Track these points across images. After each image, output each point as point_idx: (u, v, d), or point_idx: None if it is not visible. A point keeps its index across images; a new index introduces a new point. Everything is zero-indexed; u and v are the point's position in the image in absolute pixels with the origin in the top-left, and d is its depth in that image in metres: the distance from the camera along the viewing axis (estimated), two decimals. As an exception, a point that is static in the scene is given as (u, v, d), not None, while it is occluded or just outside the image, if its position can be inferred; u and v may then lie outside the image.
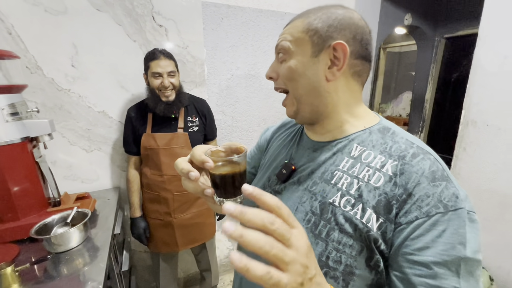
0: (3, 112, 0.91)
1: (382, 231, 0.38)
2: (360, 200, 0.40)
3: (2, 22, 1.10)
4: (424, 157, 0.40)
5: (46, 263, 0.87)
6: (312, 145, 0.52)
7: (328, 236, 0.41)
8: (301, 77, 0.45)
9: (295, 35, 0.45)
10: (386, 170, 0.41)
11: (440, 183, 0.37)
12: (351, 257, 0.39)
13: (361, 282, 0.39)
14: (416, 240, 0.36)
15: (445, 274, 0.34)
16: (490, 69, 1.29)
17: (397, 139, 0.44)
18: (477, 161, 1.39)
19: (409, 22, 2.59)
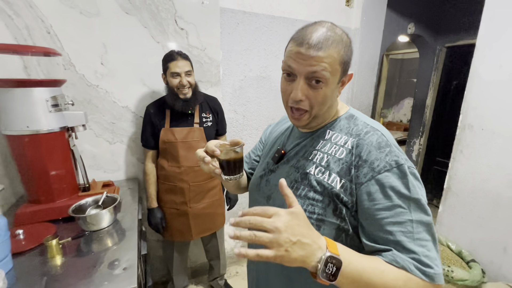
0: (47, 103, 1.01)
1: (344, 189, 0.52)
2: (328, 168, 0.55)
3: (42, 22, 1.21)
4: (374, 133, 0.54)
5: (83, 239, 0.97)
6: (300, 135, 0.66)
7: (306, 196, 0.56)
8: (328, 101, 0.56)
9: (334, 67, 0.52)
10: (347, 145, 0.55)
11: (384, 149, 0.51)
12: (322, 208, 0.53)
13: (329, 226, 0.53)
14: (376, 194, 0.48)
15: (401, 212, 0.47)
16: (486, 78, 1.40)
17: (357, 122, 0.59)
18: (473, 163, 1.49)
19: (412, 31, 2.70)
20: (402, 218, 0.47)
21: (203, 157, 0.59)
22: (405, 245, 0.46)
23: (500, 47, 1.34)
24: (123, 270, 0.81)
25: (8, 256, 0.80)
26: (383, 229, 0.48)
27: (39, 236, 0.96)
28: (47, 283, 0.75)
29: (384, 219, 0.48)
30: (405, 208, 0.47)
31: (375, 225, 0.49)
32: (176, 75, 1.27)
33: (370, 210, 0.49)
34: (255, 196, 0.70)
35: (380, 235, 0.48)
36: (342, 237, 0.53)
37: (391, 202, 0.47)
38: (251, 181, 0.75)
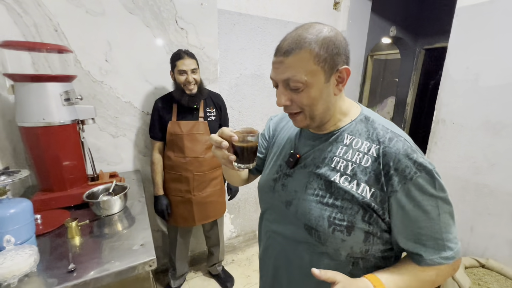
0: (61, 97, 1.08)
1: (374, 197, 0.53)
2: (355, 177, 0.55)
3: (50, 20, 1.27)
4: (397, 139, 0.54)
5: (98, 222, 1.05)
6: (312, 136, 0.65)
7: (333, 204, 0.56)
8: (319, 101, 0.55)
9: (309, 68, 0.51)
10: (371, 153, 0.55)
11: (412, 156, 0.52)
12: (351, 215, 0.54)
13: (359, 231, 0.54)
14: (409, 199, 0.52)
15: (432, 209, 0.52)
16: (456, 77, 1.58)
17: (375, 125, 0.58)
18: (445, 153, 1.68)
19: (394, 34, 2.90)
20: (434, 215, 0.52)
21: (220, 142, 0.56)
22: (434, 235, 0.53)
23: (467, 50, 1.53)
24: (141, 246, 0.90)
25: (33, 236, 0.87)
26: (418, 225, 0.53)
27: (55, 221, 1.03)
28: (73, 257, 0.83)
29: (418, 218, 0.52)
30: (434, 206, 0.52)
31: (411, 225, 0.53)
32: (183, 72, 1.36)
33: (405, 214, 0.52)
34: (270, 200, 0.69)
35: (415, 231, 0.53)
36: (370, 238, 0.55)
37: (423, 203, 0.52)
38: (262, 182, 0.73)
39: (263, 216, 0.76)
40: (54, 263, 0.82)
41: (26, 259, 0.72)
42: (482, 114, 1.50)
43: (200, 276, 1.93)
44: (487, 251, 1.55)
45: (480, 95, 1.49)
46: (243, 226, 2.26)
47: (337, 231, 0.55)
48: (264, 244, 0.75)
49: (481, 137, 1.51)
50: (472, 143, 1.55)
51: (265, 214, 0.75)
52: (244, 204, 2.20)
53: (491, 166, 1.49)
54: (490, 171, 1.49)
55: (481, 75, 1.48)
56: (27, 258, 0.72)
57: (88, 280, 0.76)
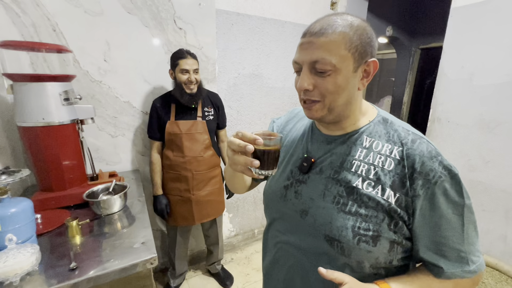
0: (60, 97, 1.08)
1: (399, 203, 0.50)
2: (379, 182, 0.51)
3: (48, 20, 1.27)
4: (420, 141, 0.52)
5: (98, 221, 1.06)
6: (325, 138, 0.60)
7: (357, 212, 0.52)
8: (344, 91, 0.51)
9: (340, 53, 0.49)
10: (394, 155, 0.52)
11: (437, 158, 0.50)
12: (376, 224, 0.50)
13: (385, 241, 0.51)
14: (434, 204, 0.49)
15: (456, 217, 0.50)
16: (451, 76, 1.61)
17: (396, 127, 0.55)
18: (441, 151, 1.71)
19: (390, 33, 2.94)
20: (457, 223, 0.50)
21: (244, 146, 0.48)
22: (456, 247, 0.51)
23: (462, 50, 1.55)
24: (142, 244, 0.91)
25: (33, 235, 0.88)
26: (440, 234, 0.50)
27: (55, 220, 1.03)
28: (74, 255, 0.84)
29: (441, 226, 0.50)
30: (459, 214, 0.50)
31: (432, 233, 0.50)
32: (185, 71, 1.38)
33: (427, 220, 0.50)
34: (282, 209, 0.64)
35: (436, 240, 0.51)
36: (395, 248, 0.52)
37: (447, 211, 0.49)
38: (270, 189, 0.68)
39: (270, 227, 0.71)
40: (56, 261, 0.82)
41: (28, 258, 0.73)
42: (476, 113, 1.53)
43: (200, 275, 1.94)
44: (482, 247, 1.57)
45: (475, 94, 1.52)
46: (242, 225, 2.27)
47: (362, 242, 0.51)
48: (273, 257, 0.69)
49: (476, 135, 1.54)
50: (467, 141, 1.58)
51: (273, 224, 0.69)
52: (242, 203, 2.22)
53: (486, 163, 1.51)
54: (484, 168, 1.52)
55: (475, 74, 1.51)
56: (29, 257, 0.73)
57: (90, 278, 0.76)
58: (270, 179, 0.71)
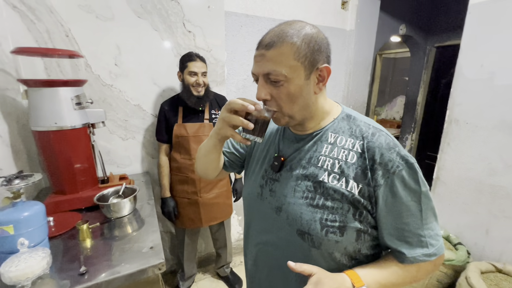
0: (72, 101, 1.10)
1: (362, 193, 0.53)
2: (343, 175, 0.54)
3: (61, 26, 1.30)
4: (380, 134, 0.55)
5: (108, 225, 1.07)
6: (295, 137, 0.64)
7: (323, 205, 0.55)
8: (298, 99, 0.54)
9: (289, 63, 0.51)
10: (356, 149, 0.55)
11: (394, 149, 0.53)
12: (342, 215, 0.54)
13: (351, 230, 0.54)
14: (393, 193, 0.52)
15: (414, 205, 0.53)
16: (469, 76, 1.53)
17: (358, 123, 0.58)
18: (459, 154, 1.63)
19: (403, 32, 2.85)
20: (415, 210, 0.53)
21: (247, 105, 0.52)
22: (416, 232, 0.54)
23: (481, 48, 1.48)
24: (150, 249, 0.91)
25: (46, 238, 0.89)
26: (401, 221, 0.53)
27: (67, 223, 1.05)
28: (84, 259, 0.85)
29: (401, 213, 0.53)
30: (417, 201, 0.53)
31: (394, 220, 0.53)
32: (193, 74, 1.38)
33: (388, 208, 0.53)
34: (259, 207, 0.66)
35: (398, 226, 0.54)
36: (362, 236, 0.55)
37: (406, 198, 0.52)
38: (248, 189, 0.71)
39: (249, 227, 0.73)
40: (66, 265, 0.83)
41: (39, 262, 0.74)
42: (497, 114, 1.45)
43: (209, 278, 1.93)
44: (504, 255, 1.50)
45: (496, 94, 1.44)
46: (251, 228, 2.25)
47: (330, 233, 0.54)
48: (254, 259, 0.72)
49: (497, 138, 1.46)
50: (487, 143, 1.50)
51: (251, 224, 0.71)
52: (252, 205, 2.20)
53: (508, 167, 1.43)
54: (506, 173, 1.44)
55: (496, 73, 1.43)
56: (40, 261, 0.74)
57: (99, 282, 0.76)
58: (247, 179, 0.73)
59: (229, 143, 0.81)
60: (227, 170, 0.82)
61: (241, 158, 0.80)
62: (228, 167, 0.81)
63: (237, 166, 0.82)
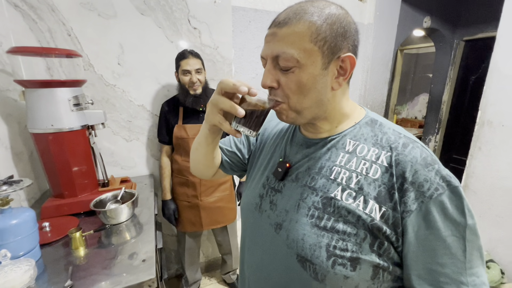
0: (70, 102, 1.06)
1: (385, 219, 0.41)
2: (361, 192, 0.43)
3: (63, 25, 1.27)
4: (414, 145, 0.44)
5: (104, 232, 1.02)
6: (305, 142, 0.53)
7: (333, 228, 0.44)
8: (311, 91, 0.44)
9: (304, 45, 0.42)
10: (381, 161, 0.44)
11: (433, 167, 0.42)
12: (356, 244, 0.42)
13: (366, 265, 0.42)
14: (428, 223, 0.40)
15: (455, 240, 0.40)
16: (507, 72, 1.35)
17: (385, 130, 0.48)
18: (492, 160, 1.45)
19: (428, 25, 2.63)
20: (457, 248, 0.40)
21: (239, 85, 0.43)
22: (456, 278, 0.41)
23: (522, 40, 1.29)
24: (142, 262, 0.85)
25: (36, 246, 0.85)
26: (436, 261, 0.41)
27: (63, 229, 1.01)
28: (73, 271, 0.79)
29: (437, 251, 0.40)
30: (459, 237, 0.40)
31: (426, 259, 0.41)
32: (187, 72, 1.31)
33: (420, 243, 0.41)
34: (256, 221, 0.56)
35: (432, 268, 0.41)
36: (380, 274, 0.43)
37: (445, 232, 0.40)
38: (246, 198, 0.61)
39: (244, 243, 0.62)
40: (54, 277, 0.78)
41: (21, 276, 0.69)
42: (541, 115, 1.26)
43: (215, 284, 1.87)
44: (546, 277, 1.31)
45: (539, 93, 1.25)
46: (260, 233, 2.17)
47: (338, 265, 0.43)
48: (247, 282, 0.60)
49: (540, 143, 1.27)
50: (527, 149, 1.32)
51: (246, 240, 0.60)
52: (260, 209, 2.11)
53: (553, 177, 1.24)
54: (550, 183, 1.25)
55: (540, 69, 1.24)
56: (22, 275, 0.69)
57: (83, 300, 0.71)
58: (246, 188, 0.63)
59: (231, 140, 0.71)
60: (226, 172, 0.71)
61: (243, 160, 0.69)
62: (227, 169, 0.70)
63: (238, 169, 0.71)
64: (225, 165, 0.69)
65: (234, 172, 0.72)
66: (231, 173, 0.72)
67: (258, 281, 0.56)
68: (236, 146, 0.69)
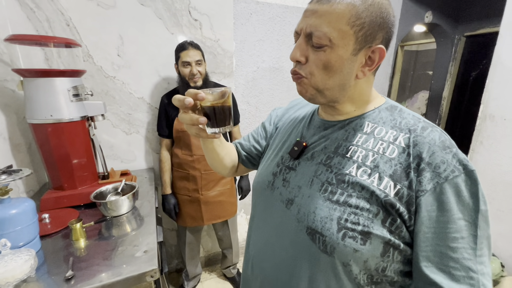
0: (69, 93, 1.04)
1: (399, 196, 0.42)
2: (376, 170, 0.44)
3: (62, 15, 1.24)
4: (433, 129, 0.45)
5: (105, 224, 1.01)
6: (323, 124, 0.55)
7: (346, 202, 0.44)
8: (336, 73, 0.45)
9: (339, 26, 0.42)
10: (399, 142, 0.45)
11: (451, 150, 0.42)
12: (368, 219, 0.42)
13: (376, 240, 0.42)
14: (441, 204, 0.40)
15: (466, 225, 0.40)
16: (510, 65, 1.34)
17: (405, 115, 0.49)
18: (493, 154, 1.45)
19: (429, 20, 2.61)
20: (467, 233, 0.40)
21: (183, 99, 0.45)
22: (466, 264, 0.40)
23: (526, 33, 1.28)
24: (144, 253, 0.84)
25: (36, 237, 0.84)
26: (446, 244, 0.40)
27: (63, 221, 1.00)
28: (73, 262, 0.78)
29: (448, 234, 0.40)
30: (471, 222, 0.40)
31: (436, 240, 0.41)
32: (187, 64, 1.29)
33: (432, 223, 0.41)
34: (267, 198, 0.57)
35: (442, 250, 0.41)
36: (390, 252, 0.43)
37: (458, 214, 0.40)
38: (258, 177, 0.62)
39: (252, 222, 0.62)
40: (54, 268, 0.77)
41: (21, 265, 0.68)
42: (543, 109, 1.26)
43: (215, 278, 1.87)
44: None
45: (542, 86, 1.25)
46: (260, 228, 2.16)
47: (348, 237, 0.43)
48: (251, 260, 0.61)
49: (542, 136, 1.27)
50: (529, 143, 1.31)
51: (255, 220, 0.61)
52: (261, 204, 2.10)
53: (555, 171, 1.24)
54: (552, 177, 1.25)
55: (544, 62, 1.24)
56: (22, 264, 0.68)
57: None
58: (260, 167, 0.65)
59: (249, 135, 0.75)
60: (247, 166, 0.74)
61: (262, 153, 0.71)
62: (247, 163, 0.73)
63: (258, 162, 0.73)
64: (245, 160, 0.73)
65: (254, 166, 0.74)
66: (251, 167, 0.75)
67: (262, 260, 0.56)
68: (254, 139, 0.73)
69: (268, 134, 0.71)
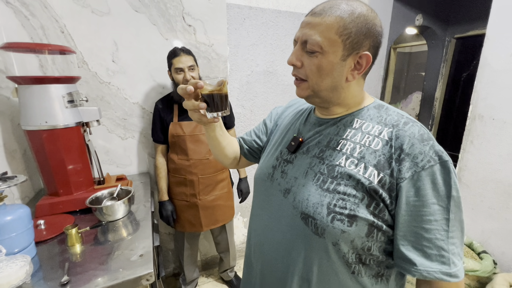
0: (64, 99, 1.05)
1: (382, 183, 0.47)
2: (362, 160, 0.50)
3: (56, 22, 1.25)
4: (413, 124, 0.50)
5: (100, 229, 1.01)
6: (318, 121, 0.61)
7: (335, 190, 0.50)
8: (327, 76, 0.51)
9: (329, 36, 0.48)
10: (383, 136, 0.51)
11: (428, 142, 0.47)
12: (354, 204, 0.48)
13: (362, 222, 0.48)
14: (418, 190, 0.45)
15: (440, 209, 0.46)
16: (497, 67, 1.38)
17: (390, 112, 0.54)
18: (483, 153, 1.48)
19: (420, 23, 2.66)
20: (441, 217, 0.45)
21: (185, 87, 0.54)
22: (438, 243, 0.45)
23: (510, 35, 1.32)
24: (140, 257, 0.84)
25: (32, 243, 0.84)
26: (421, 226, 0.46)
27: (59, 226, 1.00)
28: (69, 267, 0.79)
29: (423, 216, 0.45)
30: (444, 207, 0.45)
31: (412, 222, 0.46)
32: (180, 70, 1.30)
33: (409, 207, 0.46)
34: (267, 189, 0.63)
35: (417, 231, 0.46)
36: (374, 233, 0.49)
37: (431, 200, 0.45)
38: (259, 170, 0.68)
39: (253, 213, 0.69)
40: (50, 273, 0.77)
41: (17, 271, 0.68)
42: (530, 108, 1.29)
43: (212, 282, 1.87)
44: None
45: (528, 86, 1.28)
46: (257, 230, 2.17)
47: (336, 220, 0.48)
48: (253, 246, 0.67)
49: (529, 135, 1.30)
50: (517, 141, 1.35)
51: (255, 209, 0.68)
52: (257, 207, 2.11)
53: (542, 168, 1.27)
54: (540, 175, 1.28)
55: (528, 63, 1.27)
56: (18, 270, 0.68)
57: (80, 295, 0.70)
58: (261, 161, 0.71)
59: (251, 130, 0.82)
60: (248, 159, 0.81)
61: (262, 147, 0.78)
62: (248, 156, 0.80)
63: (259, 155, 0.80)
64: (247, 153, 0.80)
65: (255, 159, 0.81)
66: (253, 160, 0.82)
67: (262, 243, 0.63)
68: (256, 134, 0.80)
69: (268, 130, 0.78)
